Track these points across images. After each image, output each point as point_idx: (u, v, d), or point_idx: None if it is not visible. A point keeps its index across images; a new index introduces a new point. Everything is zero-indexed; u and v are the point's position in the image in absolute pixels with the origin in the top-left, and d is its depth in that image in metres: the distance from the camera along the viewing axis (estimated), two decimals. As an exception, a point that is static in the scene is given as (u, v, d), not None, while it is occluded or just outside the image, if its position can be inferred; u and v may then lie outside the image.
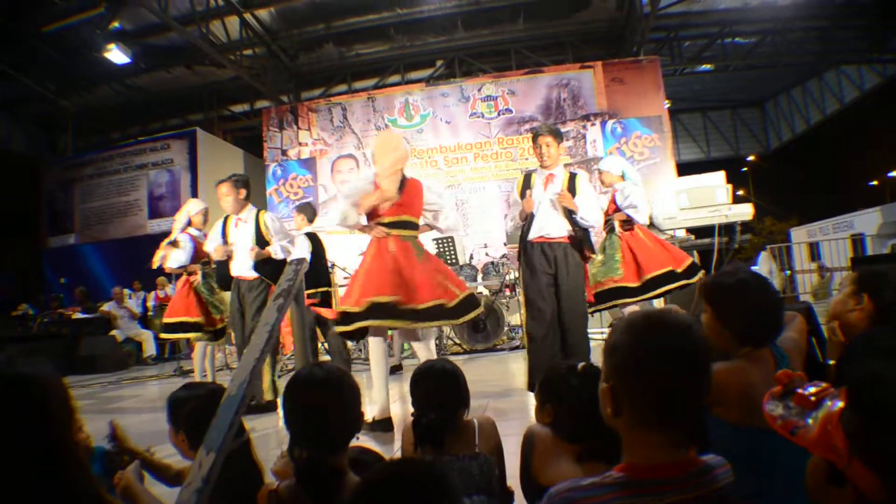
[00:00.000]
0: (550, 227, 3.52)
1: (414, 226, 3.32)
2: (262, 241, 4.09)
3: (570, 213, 3.50)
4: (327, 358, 5.05)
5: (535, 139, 3.61)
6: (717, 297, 1.35)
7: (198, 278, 4.78)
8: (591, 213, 3.54)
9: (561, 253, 3.48)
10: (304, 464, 1.16)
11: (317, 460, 1.16)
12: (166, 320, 4.77)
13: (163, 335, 5.12)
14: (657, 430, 0.87)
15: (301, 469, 1.17)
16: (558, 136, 3.60)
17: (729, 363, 1.37)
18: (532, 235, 3.53)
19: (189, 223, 4.97)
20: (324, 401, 1.22)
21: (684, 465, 0.87)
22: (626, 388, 0.88)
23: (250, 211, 4.18)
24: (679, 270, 4.13)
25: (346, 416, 1.24)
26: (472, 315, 3.20)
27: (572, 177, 3.60)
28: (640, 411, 0.87)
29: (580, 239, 3.53)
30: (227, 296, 4.49)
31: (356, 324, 2.99)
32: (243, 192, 4.13)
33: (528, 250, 3.56)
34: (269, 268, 4.04)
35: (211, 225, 4.53)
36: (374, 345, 3.16)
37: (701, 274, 4.17)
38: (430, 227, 3.51)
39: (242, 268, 4.10)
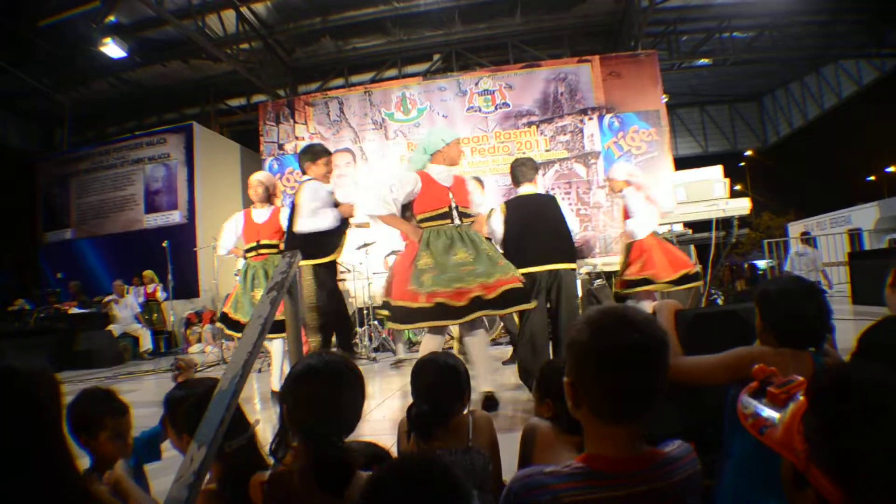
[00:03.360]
0: None
1: None
2: None
3: None
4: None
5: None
6: (760, 301, 1.46)
7: None
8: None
9: None
10: (309, 454, 1.16)
11: (321, 450, 1.15)
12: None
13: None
14: (614, 426, 0.90)
15: (309, 459, 1.16)
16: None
17: (758, 347, 1.43)
18: None
19: None
20: (324, 390, 1.20)
21: (643, 460, 0.90)
22: (584, 384, 0.91)
23: None
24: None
25: (346, 405, 1.22)
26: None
27: None
28: (597, 407, 0.91)
29: None
30: None
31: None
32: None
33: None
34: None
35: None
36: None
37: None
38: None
39: None
